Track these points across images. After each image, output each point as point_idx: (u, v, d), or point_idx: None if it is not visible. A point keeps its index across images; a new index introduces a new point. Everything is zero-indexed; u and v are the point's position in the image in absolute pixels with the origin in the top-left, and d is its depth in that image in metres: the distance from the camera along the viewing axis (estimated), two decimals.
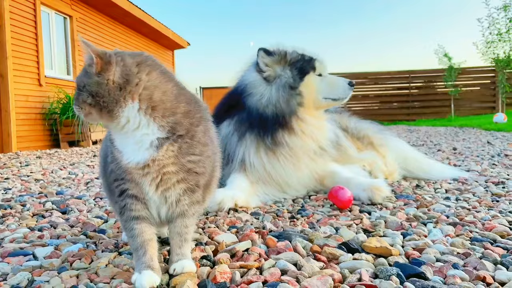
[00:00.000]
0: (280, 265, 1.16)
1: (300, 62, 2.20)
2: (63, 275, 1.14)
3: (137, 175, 1.07)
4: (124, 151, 1.07)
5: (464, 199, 1.97)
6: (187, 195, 1.13)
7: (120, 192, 1.10)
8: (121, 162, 1.07)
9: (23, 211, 2.00)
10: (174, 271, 1.11)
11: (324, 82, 2.23)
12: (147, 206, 1.11)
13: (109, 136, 1.13)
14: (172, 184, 1.10)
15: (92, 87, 1.04)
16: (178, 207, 1.13)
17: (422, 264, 1.13)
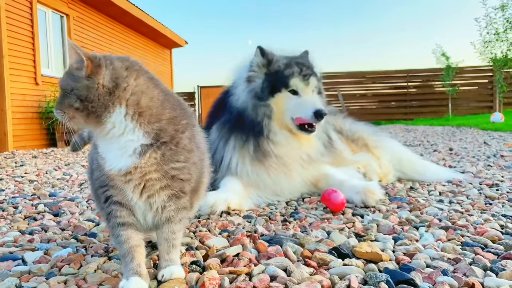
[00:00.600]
0: (270, 271, 1.16)
1: (276, 75, 2.11)
2: (51, 281, 1.13)
3: (120, 182, 1.07)
4: (107, 158, 1.06)
5: (458, 201, 1.97)
6: (172, 201, 1.12)
7: (105, 199, 1.09)
8: (104, 169, 1.07)
9: (15, 213, 1.99)
10: (163, 277, 1.10)
11: (293, 103, 2.10)
12: (133, 212, 1.10)
13: (93, 144, 1.12)
14: (155, 191, 1.09)
15: (81, 91, 1.02)
16: (164, 213, 1.12)
17: (412, 270, 1.13)
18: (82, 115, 1.03)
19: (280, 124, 2.13)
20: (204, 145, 1.26)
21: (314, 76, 2.17)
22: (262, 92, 2.10)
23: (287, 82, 2.10)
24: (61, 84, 1.05)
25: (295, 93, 2.12)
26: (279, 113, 2.11)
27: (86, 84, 1.03)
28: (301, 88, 2.12)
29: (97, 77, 1.03)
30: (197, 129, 1.21)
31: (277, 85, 2.11)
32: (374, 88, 15.32)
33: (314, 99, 2.12)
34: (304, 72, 2.14)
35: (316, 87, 2.20)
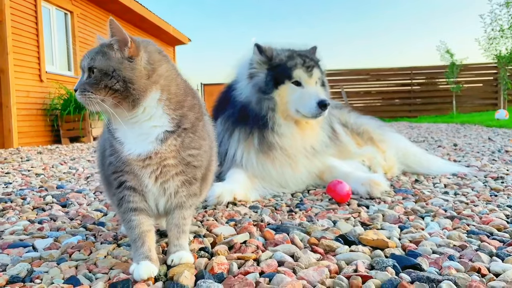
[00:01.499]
0: (277, 256, 1.17)
1: (278, 68, 2.12)
2: (62, 265, 1.15)
3: (137, 167, 1.07)
4: (126, 142, 1.06)
5: (463, 193, 1.97)
6: (185, 187, 1.14)
7: (118, 184, 1.10)
8: (121, 154, 1.07)
9: (23, 204, 2.01)
10: (172, 262, 1.12)
11: (297, 94, 2.10)
12: (145, 198, 1.11)
13: (109, 129, 1.11)
14: (171, 177, 1.11)
15: (126, 72, 1.01)
16: (176, 198, 1.14)
17: (418, 256, 1.14)
18: (119, 98, 1.01)
19: (284, 116, 2.14)
20: (212, 133, 1.28)
21: (317, 68, 2.18)
22: (266, 85, 2.12)
23: (290, 74, 2.11)
24: (97, 64, 1.01)
25: (298, 85, 2.13)
26: (282, 105, 2.12)
27: (130, 65, 1.02)
28: (304, 79, 2.13)
29: (137, 58, 1.03)
30: (208, 118, 1.23)
31: (281, 77, 2.12)
32: (378, 86, 15.29)
33: (317, 90, 2.13)
34: (307, 63, 2.15)
35: (320, 78, 2.21)
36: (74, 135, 7.23)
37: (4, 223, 1.67)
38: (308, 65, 2.15)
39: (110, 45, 1.04)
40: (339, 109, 2.78)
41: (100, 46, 1.05)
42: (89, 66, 1.03)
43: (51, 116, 7.33)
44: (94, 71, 1.02)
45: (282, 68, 2.13)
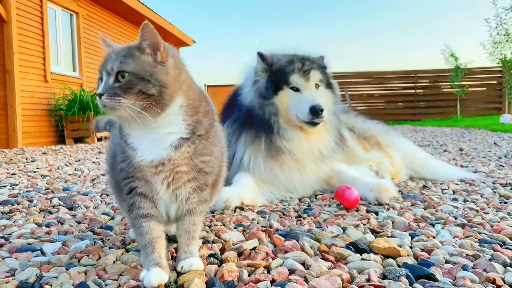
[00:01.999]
0: (288, 264, 1.16)
1: (278, 74, 2.12)
2: (71, 271, 1.14)
3: (149, 173, 1.06)
4: (139, 148, 1.05)
5: (472, 200, 1.96)
6: (196, 193, 1.13)
7: (129, 190, 1.09)
8: (133, 160, 1.06)
9: (30, 206, 2.01)
10: (182, 268, 1.11)
11: (294, 100, 2.09)
12: (156, 204, 1.11)
13: (121, 134, 1.10)
14: (182, 183, 1.10)
15: (161, 77, 0.99)
16: (187, 205, 1.13)
17: (431, 265, 1.13)
18: (151, 103, 0.98)
19: (287, 121, 2.13)
20: (223, 139, 1.28)
21: (316, 70, 2.16)
22: (266, 91, 2.12)
23: (287, 79, 2.11)
24: (130, 68, 0.98)
25: (297, 90, 2.12)
26: (283, 110, 2.12)
27: (164, 70, 1.01)
28: (301, 84, 2.12)
29: (168, 63, 1.02)
30: (219, 124, 1.22)
31: (279, 83, 2.13)
32: (382, 89, 15.27)
33: (312, 95, 2.09)
34: (304, 67, 2.13)
35: (322, 81, 2.18)
36: (78, 135, 7.25)
37: (11, 225, 1.66)
38: (305, 69, 2.13)
39: (141, 48, 1.01)
40: (345, 113, 2.76)
41: (129, 49, 1.02)
42: (119, 70, 0.99)
43: (55, 117, 7.35)
44: (126, 76, 0.99)
45: (280, 73, 2.13)
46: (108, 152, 1.26)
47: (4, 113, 6.52)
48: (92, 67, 8.77)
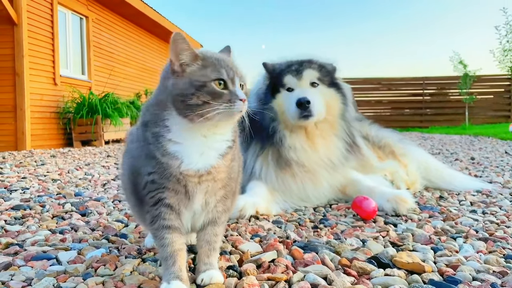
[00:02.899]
0: (310, 278, 1.13)
1: (275, 78, 2.13)
2: (89, 281, 1.12)
3: (191, 183, 1.05)
4: (185, 157, 1.03)
5: (491, 212, 1.92)
6: (222, 202, 1.13)
7: (155, 201, 1.06)
8: (173, 169, 1.03)
9: (42, 212, 2.00)
10: (202, 281, 1.08)
11: (288, 99, 2.07)
12: (180, 216, 1.08)
13: (154, 145, 1.04)
14: (215, 192, 1.10)
15: None
16: (211, 214, 1.12)
17: (459, 282, 1.09)
18: None
19: (286, 125, 2.11)
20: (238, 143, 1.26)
21: (313, 69, 2.13)
22: (265, 96, 2.13)
23: (282, 81, 2.12)
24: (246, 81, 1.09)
25: (291, 90, 2.11)
26: (282, 114, 2.10)
27: None
28: (294, 84, 2.11)
29: None
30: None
31: (276, 86, 2.14)
32: (390, 95, 15.20)
33: (302, 91, 2.06)
34: (297, 67, 2.12)
35: (321, 79, 2.13)
36: (86, 138, 7.27)
37: (25, 231, 1.65)
38: (298, 68, 2.12)
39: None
40: (359, 121, 2.73)
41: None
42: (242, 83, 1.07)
43: (64, 119, 7.38)
44: (243, 86, 1.07)
45: (278, 77, 2.14)
46: (125, 166, 1.21)
47: (13, 115, 6.55)
48: (101, 71, 8.81)
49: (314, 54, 2.27)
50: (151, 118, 1.06)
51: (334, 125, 2.16)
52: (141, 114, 1.12)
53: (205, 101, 0.98)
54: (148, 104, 1.11)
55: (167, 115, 1.03)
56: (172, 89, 1.01)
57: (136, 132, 1.13)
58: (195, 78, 1.00)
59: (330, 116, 2.14)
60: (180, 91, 1.00)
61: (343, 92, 2.21)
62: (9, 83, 6.53)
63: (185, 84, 1.00)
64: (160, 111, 1.04)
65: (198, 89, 0.99)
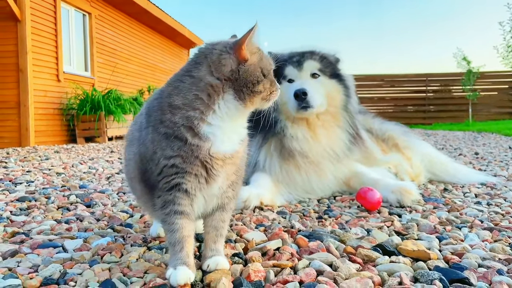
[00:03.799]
0: (315, 265, 1.13)
1: (277, 70, 2.11)
2: (95, 268, 1.13)
3: (217, 165, 1.06)
4: (217, 140, 1.05)
5: (496, 204, 1.91)
6: (232, 187, 1.15)
7: (171, 186, 1.05)
8: (201, 151, 1.03)
9: (47, 203, 2.00)
10: (208, 267, 1.09)
11: (287, 90, 2.06)
12: (193, 201, 1.08)
13: (180, 128, 1.03)
14: (229, 176, 1.12)
15: None
16: (221, 199, 1.14)
17: (465, 269, 1.09)
18: None
19: (288, 116, 2.11)
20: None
21: (314, 60, 2.13)
22: None
23: (283, 72, 2.12)
24: None
25: (292, 82, 2.12)
26: (282, 105, 2.10)
27: None
28: (295, 75, 2.11)
29: None
30: None
31: (277, 78, 2.10)
32: (393, 92, 15.14)
33: (300, 83, 2.06)
34: (298, 58, 2.12)
35: (322, 70, 2.13)
36: (90, 135, 7.28)
37: (30, 222, 1.66)
38: (298, 59, 2.12)
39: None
40: (363, 114, 2.72)
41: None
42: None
43: (67, 116, 7.39)
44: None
45: (278, 68, 2.13)
46: (131, 156, 1.18)
47: (17, 112, 6.56)
48: (104, 67, 8.82)
49: (316, 46, 2.27)
50: (186, 102, 1.04)
51: (336, 116, 2.15)
52: (163, 100, 1.07)
53: (265, 88, 1.07)
54: (177, 89, 1.06)
55: (219, 99, 1.04)
56: (244, 75, 1.05)
57: (147, 119, 1.11)
58: (263, 66, 1.07)
59: (332, 107, 2.13)
60: (253, 77, 1.05)
61: (345, 84, 2.20)
62: (13, 79, 6.54)
63: (256, 71, 1.06)
64: (205, 95, 1.04)
65: (265, 76, 1.08)
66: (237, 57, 1.04)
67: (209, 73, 1.05)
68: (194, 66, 1.07)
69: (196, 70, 1.06)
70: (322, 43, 2.94)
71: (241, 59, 1.04)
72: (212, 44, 1.09)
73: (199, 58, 1.07)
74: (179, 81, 1.07)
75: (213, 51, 1.06)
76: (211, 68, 1.05)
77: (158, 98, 1.09)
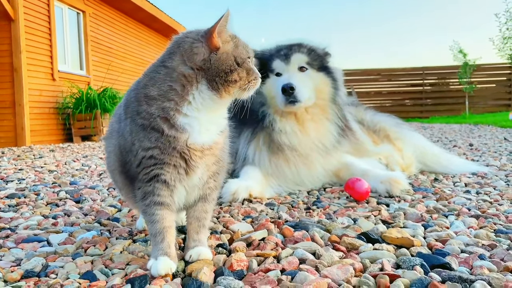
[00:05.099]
0: (298, 254, 1.13)
1: (264, 64, 2.12)
2: (78, 260, 1.12)
3: (195, 156, 1.05)
4: (194, 131, 1.04)
5: (485, 192, 1.91)
6: (213, 177, 1.15)
7: (150, 178, 1.05)
8: (178, 142, 1.03)
9: (37, 200, 2.00)
10: (190, 257, 1.09)
11: (275, 84, 2.06)
12: (173, 192, 1.08)
13: (156, 120, 1.03)
14: (209, 167, 1.11)
15: None
16: (202, 190, 1.13)
17: (447, 254, 1.09)
18: None
19: (276, 110, 2.10)
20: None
21: (302, 53, 2.12)
22: None
23: (271, 66, 2.12)
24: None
25: (280, 75, 2.11)
26: (271, 99, 2.09)
27: None
28: (282, 69, 2.11)
29: None
30: None
31: (265, 71, 2.12)
32: (390, 86, 15.13)
33: (288, 76, 2.06)
34: (286, 51, 2.11)
35: (310, 63, 2.12)
36: (86, 133, 7.27)
37: (18, 218, 1.65)
38: (286, 53, 2.11)
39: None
40: (354, 106, 2.72)
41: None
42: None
43: (63, 115, 7.37)
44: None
45: (266, 62, 2.13)
46: (111, 149, 1.19)
47: (12, 111, 6.55)
48: (99, 66, 8.79)
49: (305, 38, 2.26)
50: (161, 93, 1.03)
51: (325, 109, 2.15)
52: (139, 91, 1.07)
53: (241, 77, 1.05)
54: (153, 80, 1.05)
55: (193, 90, 1.03)
56: (216, 64, 1.03)
57: (125, 110, 1.11)
58: (237, 54, 1.05)
59: (321, 100, 2.13)
60: (225, 66, 1.03)
61: (333, 76, 2.20)
62: (7, 79, 6.53)
63: (229, 60, 1.04)
64: (178, 85, 1.03)
65: (239, 65, 1.04)
66: (208, 45, 1.03)
67: (182, 62, 1.04)
68: (168, 56, 1.06)
69: (169, 60, 1.05)
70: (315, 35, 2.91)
71: (213, 47, 1.03)
72: (186, 33, 1.09)
73: (172, 48, 1.07)
74: (154, 71, 1.06)
75: (186, 39, 1.06)
76: (184, 57, 1.04)
77: (135, 89, 1.08)
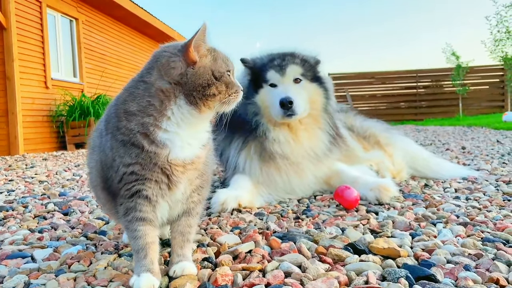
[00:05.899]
0: (284, 267, 1.12)
1: (258, 72, 2.13)
2: (60, 278, 1.11)
3: (177, 172, 1.05)
4: (175, 146, 1.03)
5: (475, 198, 1.91)
6: (197, 191, 1.14)
7: (131, 194, 1.04)
8: (159, 158, 1.02)
9: (24, 212, 1.98)
10: (174, 273, 1.07)
11: (271, 95, 2.06)
12: (155, 208, 1.07)
13: (136, 137, 1.02)
14: (192, 181, 1.11)
15: None
16: (186, 204, 1.12)
17: (432, 265, 1.09)
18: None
19: (269, 120, 2.09)
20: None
21: (296, 64, 2.11)
22: (247, 91, 2.10)
23: (265, 76, 2.10)
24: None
25: (274, 86, 2.10)
26: (265, 109, 2.09)
27: None
28: (277, 80, 2.09)
29: None
30: None
31: (259, 81, 2.12)
32: (384, 89, 15.20)
33: (284, 89, 2.05)
34: (280, 62, 2.11)
35: (304, 75, 2.12)
36: (80, 141, 7.24)
37: (4, 232, 1.63)
38: (281, 64, 2.10)
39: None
40: (344, 112, 2.72)
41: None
42: None
43: (56, 123, 7.35)
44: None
45: (260, 72, 2.13)
46: (93, 165, 1.18)
47: (5, 120, 6.52)
48: (93, 73, 8.77)
49: (296, 47, 2.26)
50: (140, 109, 1.02)
51: (317, 119, 2.15)
52: (119, 106, 1.06)
53: (220, 91, 1.03)
54: (132, 95, 1.05)
55: (172, 105, 1.02)
56: (192, 78, 1.02)
57: (105, 125, 1.10)
58: (215, 68, 1.04)
59: (314, 110, 2.13)
60: (202, 80, 1.02)
61: (325, 86, 2.21)
62: (0, 87, 6.49)
63: (206, 74, 1.03)
64: (157, 100, 1.02)
65: (217, 79, 1.03)
66: (185, 59, 1.02)
67: (160, 77, 1.03)
68: (146, 71, 1.05)
69: (148, 75, 1.04)
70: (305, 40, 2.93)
71: (190, 61, 1.02)
72: (164, 47, 1.08)
73: (151, 63, 1.06)
74: (134, 87, 1.05)
75: (163, 54, 1.05)
76: (161, 72, 1.03)
77: (115, 104, 1.07)
